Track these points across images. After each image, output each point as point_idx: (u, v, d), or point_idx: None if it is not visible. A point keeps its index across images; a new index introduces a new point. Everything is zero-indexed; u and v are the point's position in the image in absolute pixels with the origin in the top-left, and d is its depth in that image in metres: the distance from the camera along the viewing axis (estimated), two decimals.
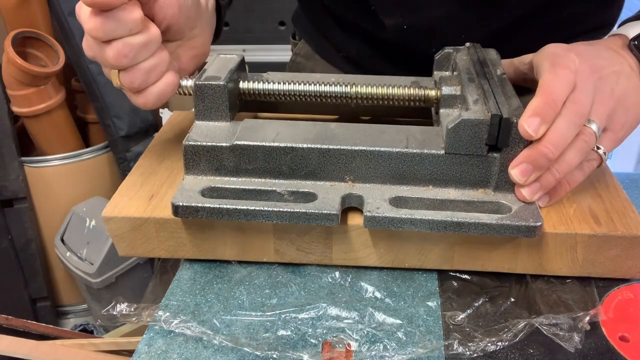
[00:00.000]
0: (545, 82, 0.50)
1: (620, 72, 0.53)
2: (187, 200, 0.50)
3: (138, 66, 0.50)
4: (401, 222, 0.49)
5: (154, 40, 0.50)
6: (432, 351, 0.46)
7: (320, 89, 0.57)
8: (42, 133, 1.56)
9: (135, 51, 0.49)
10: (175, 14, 0.52)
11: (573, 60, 0.51)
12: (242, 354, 0.46)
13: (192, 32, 0.57)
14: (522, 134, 0.47)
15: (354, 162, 0.52)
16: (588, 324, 0.47)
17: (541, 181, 0.50)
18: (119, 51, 0.48)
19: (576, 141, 0.49)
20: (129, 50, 0.48)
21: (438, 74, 0.62)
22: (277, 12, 1.96)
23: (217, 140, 0.52)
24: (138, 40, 0.49)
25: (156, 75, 0.51)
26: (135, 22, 0.48)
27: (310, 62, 0.89)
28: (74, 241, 1.57)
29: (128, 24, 0.47)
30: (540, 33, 0.71)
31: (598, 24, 0.74)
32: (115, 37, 0.48)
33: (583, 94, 0.49)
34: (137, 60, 0.49)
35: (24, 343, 1.04)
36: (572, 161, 0.50)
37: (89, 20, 0.47)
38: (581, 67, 0.51)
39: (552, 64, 0.51)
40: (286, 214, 0.49)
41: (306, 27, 0.87)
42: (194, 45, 0.58)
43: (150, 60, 0.50)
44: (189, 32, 0.56)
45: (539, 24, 0.71)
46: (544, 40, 0.58)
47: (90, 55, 0.50)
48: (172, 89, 0.53)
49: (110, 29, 0.47)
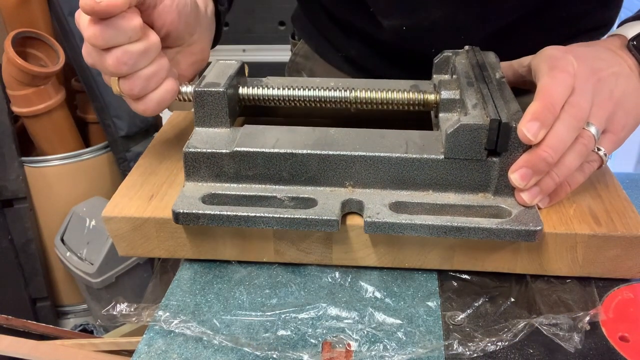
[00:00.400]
0: (543, 85, 0.50)
1: (619, 73, 0.53)
2: (187, 207, 0.50)
3: (137, 73, 0.50)
4: (401, 227, 0.49)
5: (154, 47, 0.50)
6: (432, 351, 0.46)
7: (319, 94, 0.58)
8: (42, 133, 1.56)
9: (135, 59, 0.49)
10: (175, 20, 0.53)
11: (571, 63, 0.51)
12: (242, 354, 0.46)
13: (191, 38, 0.57)
14: (521, 139, 0.47)
15: (353, 168, 0.52)
16: (588, 324, 0.46)
17: (541, 185, 0.50)
18: (119, 59, 0.48)
19: (575, 144, 0.49)
20: (129, 58, 0.48)
21: (437, 78, 0.62)
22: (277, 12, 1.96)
23: (217, 146, 0.53)
24: (137, 47, 0.49)
25: (156, 82, 0.51)
26: (135, 30, 0.48)
27: (309, 62, 0.89)
28: (74, 241, 1.57)
29: (127, 32, 0.47)
30: (539, 33, 0.71)
31: (597, 24, 0.74)
32: (114, 45, 0.48)
33: (582, 97, 0.49)
34: (136, 68, 0.50)
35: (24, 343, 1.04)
36: (572, 164, 0.50)
37: (88, 27, 0.47)
38: (579, 70, 0.50)
39: (550, 67, 0.51)
40: (286, 220, 0.49)
41: (305, 27, 0.87)
42: (194, 51, 0.58)
43: (150, 68, 0.50)
44: (188, 38, 0.56)
45: (537, 24, 0.71)
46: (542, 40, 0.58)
47: (89, 63, 0.50)
48: (172, 95, 0.53)
49: (110, 36, 0.47)
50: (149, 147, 0.63)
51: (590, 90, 0.50)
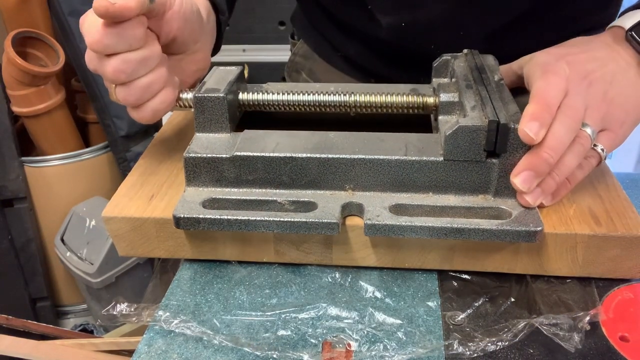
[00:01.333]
0: (538, 88, 0.50)
1: (615, 71, 0.53)
2: (188, 211, 0.50)
3: (135, 82, 0.50)
4: (401, 229, 0.49)
5: (154, 57, 0.51)
6: (432, 351, 0.46)
7: (319, 99, 0.58)
8: (42, 133, 1.56)
9: (133, 67, 0.49)
10: (181, 27, 0.53)
11: (563, 68, 0.51)
12: (242, 354, 0.46)
13: (195, 46, 0.57)
14: (523, 138, 0.47)
15: (353, 171, 0.52)
16: (588, 324, 0.46)
17: (543, 186, 0.50)
18: (117, 67, 0.49)
19: (573, 145, 0.49)
20: (127, 67, 0.49)
21: (436, 81, 0.62)
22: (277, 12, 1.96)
23: (217, 151, 0.53)
24: (137, 56, 0.49)
25: (152, 92, 0.52)
26: (136, 39, 0.48)
27: (308, 62, 0.89)
28: (74, 241, 1.57)
29: (128, 40, 0.48)
30: (538, 31, 0.71)
31: (597, 23, 0.74)
32: (115, 52, 0.48)
33: (575, 99, 0.50)
34: (134, 77, 0.50)
35: (24, 343, 1.04)
36: (571, 164, 0.50)
37: (91, 33, 0.47)
38: (571, 75, 0.51)
39: (543, 71, 0.51)
40: (286, 224, 0.49)
41: (305, 27, 0.88)
42: (197, 59, 0.58)
43: (148, 77, 0.51)
44: (192, 46, 0.57)
45: (537, 23, 0.71)
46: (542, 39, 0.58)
47: (91, 68, 0.51)
48: (168, 105, 0.54)
49: (111, 43, 0.47)
50: (149, 147, 0.63)
51: (583, 94, 0.51)
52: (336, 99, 0.58)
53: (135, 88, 0.50)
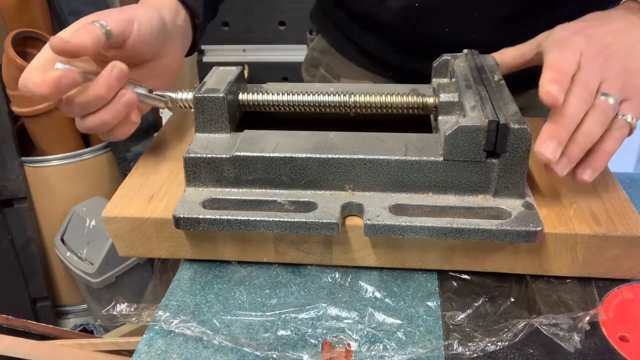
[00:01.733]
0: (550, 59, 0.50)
1: (634, 42, 0.53)
2: (188, 212, 0.50)
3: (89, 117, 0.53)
4: (401, 229, 0.49)
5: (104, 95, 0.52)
6: (432, 351, 0.46)
7: (319, 99, 0.58)
8: (42, 133, 1.55)
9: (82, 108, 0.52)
10: (143, 49, 0.55)
11: (579, 42, 0.51)
12: (242, 354, 0.46)
13: (161, 52, 0.58)
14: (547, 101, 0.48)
15: (353, 171, 0.52)
16: (588, 324, 0.46)
17: (567, 153, 0.49)
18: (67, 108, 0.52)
19: (593, 111, 0.49)
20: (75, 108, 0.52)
21: (436, 81, 0.62)
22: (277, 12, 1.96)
23: (217, 152, 0.53)
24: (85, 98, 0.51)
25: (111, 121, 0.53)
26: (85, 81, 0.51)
27: (326, 57, 0.89)
28: (74, 241, 1.57)
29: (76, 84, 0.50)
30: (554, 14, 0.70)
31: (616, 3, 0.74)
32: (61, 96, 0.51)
33: (589, 72, 0.50)
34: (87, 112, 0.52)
35: (24, 343, 1.04)
36: (592, 130, 0.49)
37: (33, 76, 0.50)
38: (587, 50, 0.51)
39: (559, 45, 0.52)
40: (286, 224, 0.50)
41: (322, 22, 0.88)
42: (165, 63, 0.59)
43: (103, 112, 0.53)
44: (157, 56, 0.58)
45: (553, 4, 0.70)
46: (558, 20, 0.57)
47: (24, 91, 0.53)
48: (130, 129, 0.56)
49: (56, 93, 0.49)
50: (149, 147, 0.63)
51: (598, 68, 0.51)
52: (336, 100, 0.58)
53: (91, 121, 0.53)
